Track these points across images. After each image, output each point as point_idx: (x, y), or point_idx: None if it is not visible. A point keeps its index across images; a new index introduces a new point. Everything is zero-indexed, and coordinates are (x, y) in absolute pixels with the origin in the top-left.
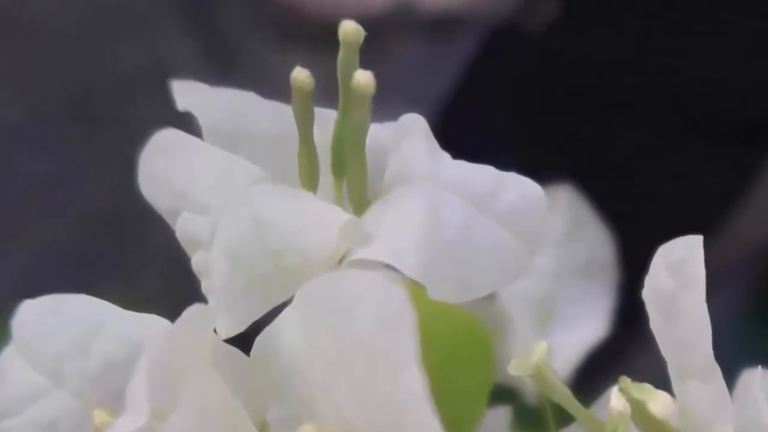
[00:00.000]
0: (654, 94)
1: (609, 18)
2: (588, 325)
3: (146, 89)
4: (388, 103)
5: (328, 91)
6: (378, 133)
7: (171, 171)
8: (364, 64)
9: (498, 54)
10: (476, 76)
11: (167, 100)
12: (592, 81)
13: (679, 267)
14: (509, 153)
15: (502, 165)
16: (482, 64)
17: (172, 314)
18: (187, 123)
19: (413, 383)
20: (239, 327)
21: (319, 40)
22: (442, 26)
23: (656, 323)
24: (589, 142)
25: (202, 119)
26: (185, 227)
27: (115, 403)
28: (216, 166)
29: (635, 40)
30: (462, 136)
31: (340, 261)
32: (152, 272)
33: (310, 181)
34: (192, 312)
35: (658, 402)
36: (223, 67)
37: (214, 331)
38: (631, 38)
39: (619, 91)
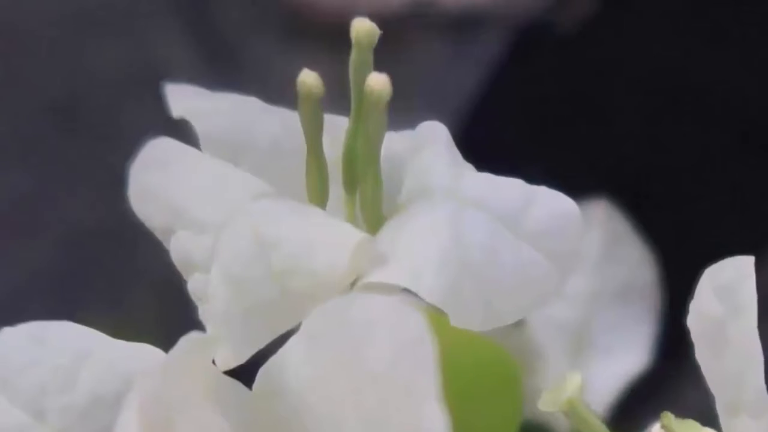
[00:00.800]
0: (697, 101)
1: (648, 17)
2: (627, 356)
3: (136, 94)
4: (405, 109)
5: (338, 97)
6: (394, 142)
7: (165, 185)
8: (379, 67)
9: (526, 56)
10: (502, 80)
11: (160, 105)
12: (630, 86)
13: (728, 291)
14: (539, 164)
15: (531, 178)
16: (508, 67)
17: (166, 343)
18: (182, 131)
19: (433, 421)
20: (241, 358)
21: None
22: (464, 25)
23: (702, 353)
24: (628, 153)
25: (200, 127)
26: (181, 247)
27: None
28: (215, 179)
29: (677, 43)
30: (487, 145)
31: (352, 284)
32: (144, 297)
33: (319, 196)
34: (188, 341)
35: None
36: (223, 70)
37: (213, 362)
38: (672, 41)
39: (660, 98)
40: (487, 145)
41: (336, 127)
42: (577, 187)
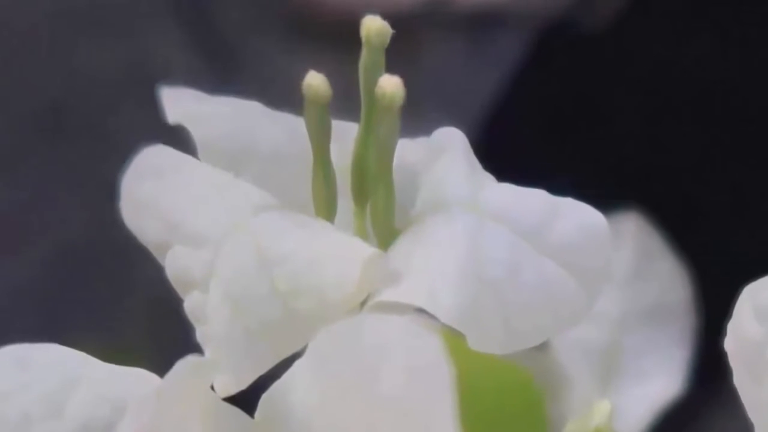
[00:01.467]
0: (734, 105)
1: (679, 16)
2: (659, 381)
3: (129, 98)
4: (419, 114)
5: (347, 101)
6: (407, 150)
7: (160, 196)
8: (392, 68)
9: (547, 57)
10: (522, 83)
11: (155, 110)
12: (661, 90)
13: None
14: (563, 174)
15: (556, 188)
16: (529, 69)
17: (161, 367)
18: (179, 138)
19: None
20: (242, 383)
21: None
22: (481, 24)
23: (741, 378)
24: (660, 161)
25: (198, 134)
26: (177, 263)
27: None
28: (214, 189)
29: (711, 44)
30: (507, 153)
31: (363, 304)
32: (137, 317)
33: (326, 209)
34: (185, 365)
35: None
36: (223, 71)
37: (212, 387)
38: (706, 42)
39: (694, 101)
40: (507, 153)
41: (345, 134)
42: (604, 197)
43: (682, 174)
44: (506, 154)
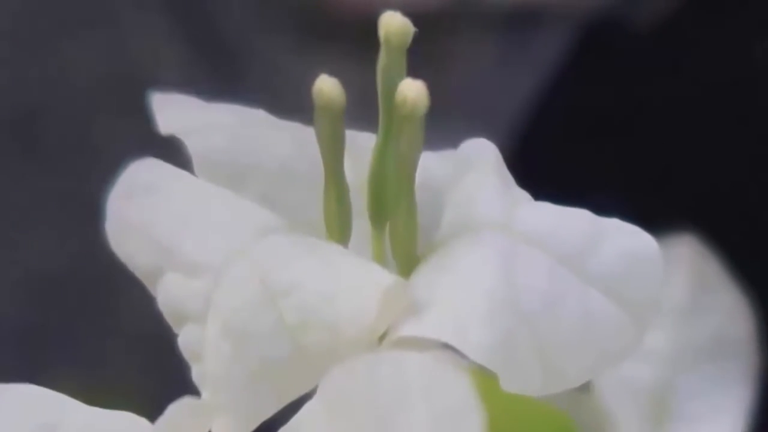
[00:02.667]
0: None
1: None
2: (717, 425)
3: (115, 105)
4: (445, 123)
5: (364, 108)
6: (432, 164)
7: (150, 217)
8: (414, 72)
9: (591, 60)
10: (563, 88)
11: (145, 119)
12: (722, 95)
13: None
14: (609, 191)
15: (600, 208)
16: (570, 73)
17: (152, 411)
18: (172, 151)
19: None
20: (243, 429)
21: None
22: (518, 23)
23: None
24: (720, 177)
25: (193, 146)
26: (170, 293)
27: None
28: (212, 210)
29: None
30: (545, 168)
31: (381, 339)
32: (125, 354)
33: (340, 231)
34: (179, 408)
35: None
36: (223, 76)
37: None
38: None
39: (760, 109)
40: (544, 168)
41: (360, 147)
42: (655, 218)
43: (745, 191)
44: (543, 169)
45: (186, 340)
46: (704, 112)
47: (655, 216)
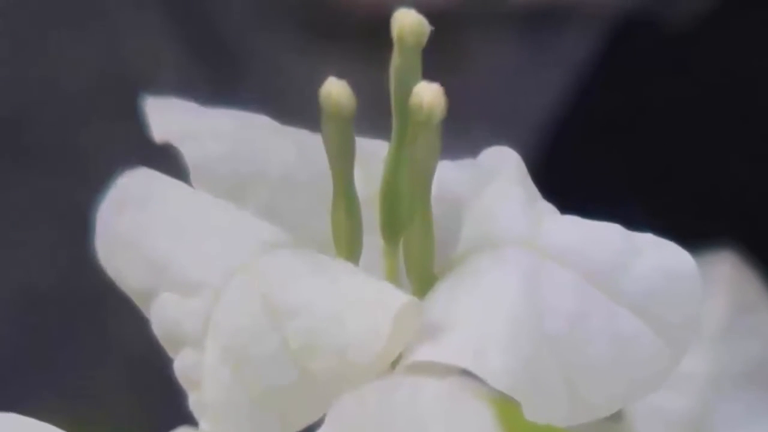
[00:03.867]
0: None
1: None
2: None
3: (109, 109)
4: (464, 130)
5: (376, 114)
6: (450, 175)
7: (143, 231)
8: (430, 74)
9: (621, 60)
10: (590, 92)
11: (138, 125)
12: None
13: None
14: (641, 203)
15: (632, 222)
16: (599, 76)
17: None
18: (166, 160)
19: None
20: None
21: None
22: (542, 22)
23: None
24: (762, 189)
25: (190, 154)
26: (165, 314)
27: None
28: (210, 223)
29: None
30: (572, 178)
31: (394, 364)
32: (116, 380)
33: (350, 246)
34: None
35: None
36: (222, 76)
37: None
38: None
39: None
40: (571, 178)
41: (372, 155)
42: (692, 233)
43: None
44: (571, 179)
45: (183, 365)
46: (742, 117)
47: (691, 231)
